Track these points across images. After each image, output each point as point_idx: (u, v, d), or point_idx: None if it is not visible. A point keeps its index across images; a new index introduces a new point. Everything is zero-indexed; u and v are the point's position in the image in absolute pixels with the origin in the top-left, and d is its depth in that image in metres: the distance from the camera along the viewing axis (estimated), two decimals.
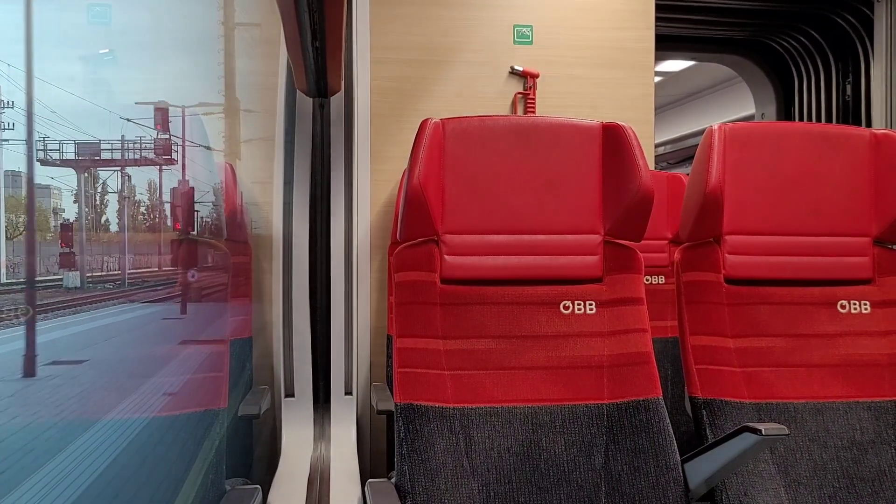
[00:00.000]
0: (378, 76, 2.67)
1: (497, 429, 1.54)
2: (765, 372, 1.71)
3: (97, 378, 1.34)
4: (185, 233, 1.73)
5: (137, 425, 1.35)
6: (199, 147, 1.87)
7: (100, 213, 1.55)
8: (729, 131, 1.74)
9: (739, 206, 1.75)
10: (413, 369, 1.54)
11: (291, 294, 2.10)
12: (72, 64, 1.34)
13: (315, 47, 1.73)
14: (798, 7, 3.58)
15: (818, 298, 1.76)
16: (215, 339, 1.61)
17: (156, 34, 1.63)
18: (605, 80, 2.81)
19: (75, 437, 1.13)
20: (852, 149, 1.78)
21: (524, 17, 2.77)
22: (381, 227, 2.64)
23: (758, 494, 1.58)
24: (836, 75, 3.66)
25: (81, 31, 1.50)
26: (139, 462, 1.33)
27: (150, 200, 1.68)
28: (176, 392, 1.54)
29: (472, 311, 1.61)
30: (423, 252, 1.62)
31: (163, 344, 1.66)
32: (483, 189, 1.64)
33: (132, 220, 1.64)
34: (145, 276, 1.72)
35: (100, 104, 1.42)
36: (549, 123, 1.68)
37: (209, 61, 2.24)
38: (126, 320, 1.62)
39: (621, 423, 1.56)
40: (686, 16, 3.59)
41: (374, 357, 2.57)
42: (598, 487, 1.52)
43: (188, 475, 1.43)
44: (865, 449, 1.65)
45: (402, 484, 1.46)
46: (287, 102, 2.23)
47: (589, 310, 1.64)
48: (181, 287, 1.75)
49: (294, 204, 2.14)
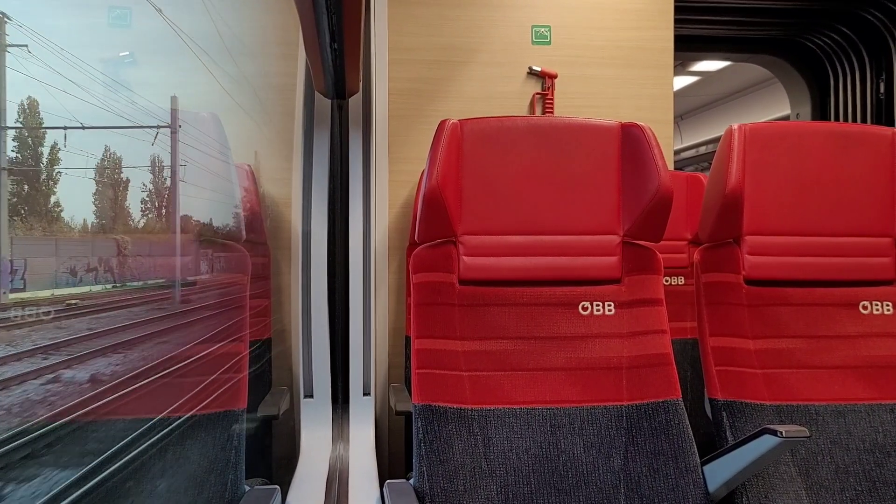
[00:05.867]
0: (396, 77, 2.68)
1: (516, 430, 1.53)
2: (785, 373, 1.69)
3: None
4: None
5: (160, 425, 1.37)
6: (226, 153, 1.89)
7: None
8: (749, 131, 1.73)
9: (759, 206, 1.73)
10: (431, 370, 1.55)
11: (310, 295, 2.11)
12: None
13: (333, 49, 1.74)
14: (830, 5, 3.54)
15: (839, 299, 1.74)
16: (235, 340, 1.61)
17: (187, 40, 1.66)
18: (623, 80, 2.80)
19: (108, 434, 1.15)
20: (874, 148, 1.76)
21: (542, 17, 2.77)
22: (399, 229, 2.64)
23: (779, 497, 1.57)
24: (870, 73, 3.62)
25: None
26: (161, 461, 1.34)
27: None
28: (197, 393, 1.55)
29: (491, 312, 1.61)
30: (442, 253, 1.62)
31: (187, 344, 1.68)
32: (501, 190, 1.64)
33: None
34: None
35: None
36: (567, 124, 1.68)
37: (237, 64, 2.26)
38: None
39: (640, 424, 1.55)
40: (717, 16, 3.57)
41: (393, 358, 2.58)
42: (617, 489, 1.51)
43: (208, 475, 1.45)
44: (888, 452, 1.63)
45: (420, 485, 1.46)
46: (306, 104, 2.24)
47: (608, 311, 1.63)
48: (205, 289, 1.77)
49: (312, 205, 2.15)
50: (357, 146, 2.22)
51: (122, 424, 1.33)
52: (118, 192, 1.53)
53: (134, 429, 1.33)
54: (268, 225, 2.41)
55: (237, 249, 1.74)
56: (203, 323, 1.74)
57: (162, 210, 1.66)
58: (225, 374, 1.56)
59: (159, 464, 1.36)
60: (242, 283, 1.68)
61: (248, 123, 2.39)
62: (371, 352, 2.12)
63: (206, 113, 1.75)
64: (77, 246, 1.40)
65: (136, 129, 1.47)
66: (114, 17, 1.60)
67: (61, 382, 1.24)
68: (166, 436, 1.39)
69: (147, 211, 1.62)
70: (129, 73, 1.55)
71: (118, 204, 1.53)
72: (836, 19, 3.68)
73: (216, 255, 1.77)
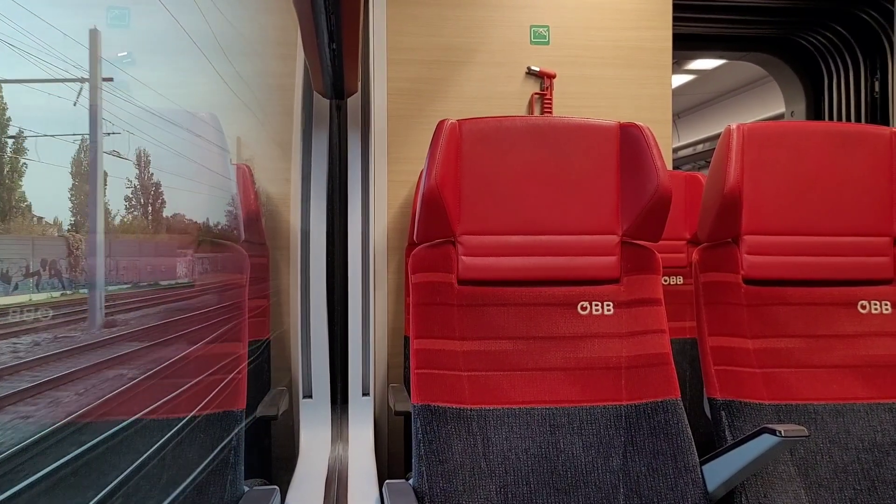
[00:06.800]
0: (395, 77, 2.68)
1: (515, 430, 1.53)
2: (784, 373, 1.69)
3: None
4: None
5: (159, 426, 1.37)
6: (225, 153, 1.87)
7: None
8: (747, 131, 1.73)
9: (758, 206, 1.73)
10: (430, 370, 1.55)
11: (309, 296, 2.11)
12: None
13: (332, 49, 1.74)
14: (825, 4, 3.55)
15: (838, 299, 1.74)
16: (234, 341, 1.61)
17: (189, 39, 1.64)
18: (622, 79, 2.80)
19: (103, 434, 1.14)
20: (872, 148, 1.76)
21: (541, 17, 2.77)
22: (398, 229, 2.64)
23: (777, 497, 1.57)
24: (864, 72, 3.62)
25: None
26: (160, 462, 1.34)
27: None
28: (196, 393, 1.55)
29: (490, 312, 1.61)
30: (441, 253, 1.62)
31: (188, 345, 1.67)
32: (500, 190, 1.64)
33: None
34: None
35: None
36: (566, 124, 1.68)
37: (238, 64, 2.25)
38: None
39: (639, 424, 1.55)
40: (713, 15, 3.57)
41: (392, 358, 2.58)
42: (617, 489, 1.51)
43: (207, 476, 1.45)
44: (887, 451, 1.63)
45: (419, 485, 1.46)
46: (304, 104, 2.24)
47: (607, 310, 1.63)
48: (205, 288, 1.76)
49: (311, 205, 2.15)
50: (356, 146, 2.22)
51: (121, 423, 1.33)
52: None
53: (134, 427, 1.32)
54: (265, 224, 2.41)
55: (236, 250, 1.74)
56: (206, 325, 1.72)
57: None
58: (224, 374, 1.56)
59: (158, 464, 1.36)
60: (241, 283, 1.68)
61: (247, 122, 2.39)
62: (370, 352, 2.12)
63: (205, 112, 1.75)
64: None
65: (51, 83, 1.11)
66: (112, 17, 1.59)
67: None
68: (166, 435, 1.39)
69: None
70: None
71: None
72: (832, 18, 3.68)
73: (201, 255, 1.70)
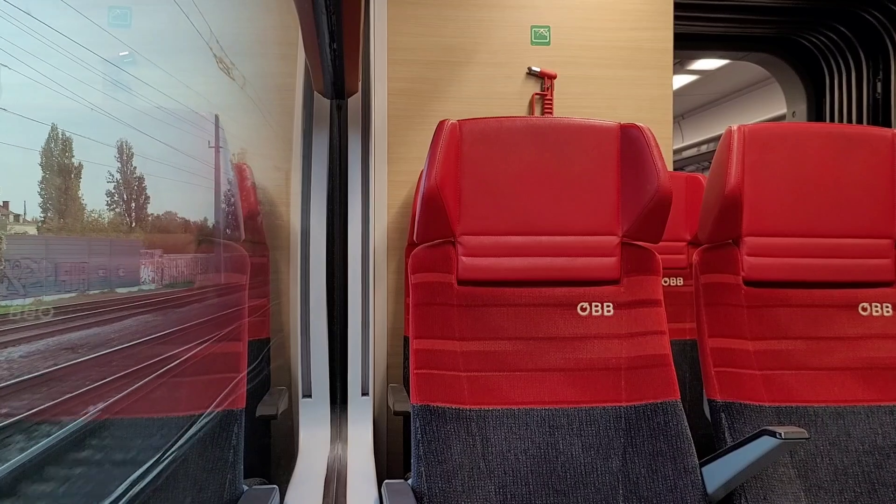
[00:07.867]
0: (395, 77, 2.68)
1: (514, 431, 1.53)
2: (784, 375, 1.69)
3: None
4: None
5: (158, 425, 1.36)
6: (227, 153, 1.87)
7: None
8: (748, 132, 1.73)
9: (759, 207, 1.73)
10: (430, 370, 1.54)
11: (309, 295, 2.11)
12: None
13: (332, 49, 1.74)
14: (828, 4, 3.54)
15: (839, 301, 1.74)
16: (234, 340, 1.61)
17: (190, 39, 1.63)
18: (622, 80, 2.80)
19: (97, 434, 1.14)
20: (873, 149, 1.76)
21: (541, 17, 2.77)
22: (398, 229, 2.64)
23: (777, 499, 1.57)
24: (866, 72, 3.62)
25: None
26: (158, 462, 1.34)
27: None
28: (196, 393, 1.55)
29: (489, 312, 1.61)
30: (440, 253, 1.62)
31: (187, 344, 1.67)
32: (500, 190, 1.64)
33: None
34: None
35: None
36: (566, 124, 1.68)
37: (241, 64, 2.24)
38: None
39: (639, 425, 1.55)
40: (714, 14, 3.57)
41: (391, 358, 2.58)
42: (616, 490, 1.51)
43: (207, 475, 1.44)
44: (888, 454, 1.63)
45: (418, 485, 1.46)
46: (305, 104, 2.24)
47: (606, 311, 1.63)
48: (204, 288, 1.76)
49: (311, 205, 2.15)
50: (356, 146, 2.22)
51: (119, 422, 1.32)
52: None
53: (132, 427, 1.32)
54: (263, 223, 2.41)
55: (236, 249, 1.74)
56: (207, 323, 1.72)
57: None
58: (224, 373, 1.56)
59: (156, 463, 1.36)
60: (241, 283, 1.67)
61: (246, 122, 2.39)
62: (370, 352, 2.12)
63: (205, 112, 1.74)
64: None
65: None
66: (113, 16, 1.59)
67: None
68: (166, 434, 1.38)
69: None
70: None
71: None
72: (834, 18, 3.68)
73: (201, 255, 1.67)
